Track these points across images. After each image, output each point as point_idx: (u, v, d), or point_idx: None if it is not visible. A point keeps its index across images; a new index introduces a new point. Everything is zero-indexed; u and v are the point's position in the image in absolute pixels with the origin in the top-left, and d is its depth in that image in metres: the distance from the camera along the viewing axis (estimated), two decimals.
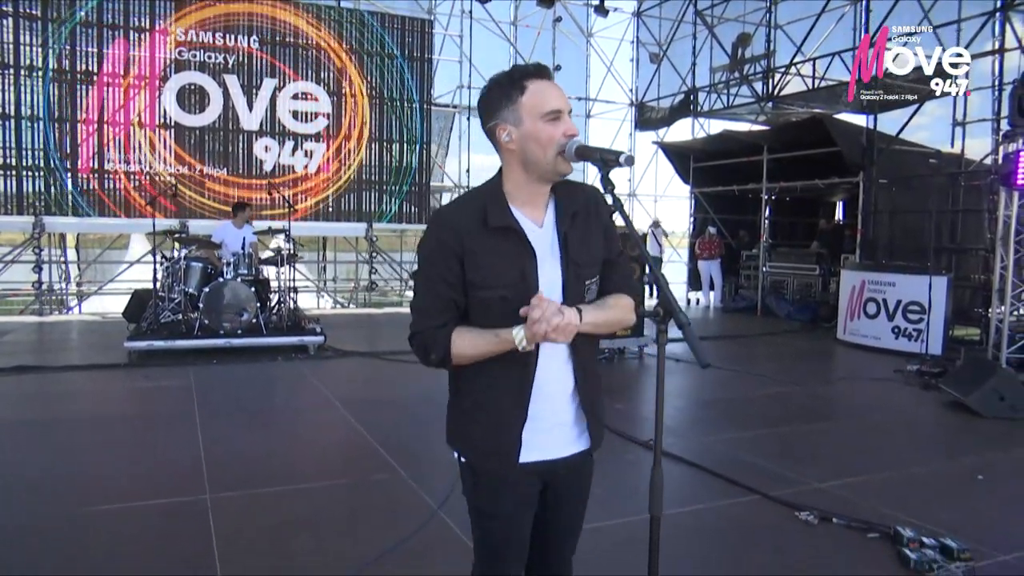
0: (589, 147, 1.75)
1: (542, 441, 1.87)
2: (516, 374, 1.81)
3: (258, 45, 13.36)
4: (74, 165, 12.32)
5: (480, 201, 1.84)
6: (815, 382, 7.89)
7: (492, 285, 1.77)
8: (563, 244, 1.84)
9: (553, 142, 1.77)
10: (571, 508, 2.03)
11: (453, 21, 15.76)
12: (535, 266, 1.79)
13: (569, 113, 1.83)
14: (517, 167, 1.83)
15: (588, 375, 1.92)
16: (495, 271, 1.77)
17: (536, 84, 1.80)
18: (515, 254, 1.78)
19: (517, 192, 1.85)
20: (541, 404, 1.85)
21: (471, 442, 1.91)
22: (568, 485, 1.98)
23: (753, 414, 6.49)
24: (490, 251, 1.78)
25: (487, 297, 1.78)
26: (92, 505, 3.99)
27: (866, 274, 10.01)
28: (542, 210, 1.88)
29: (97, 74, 12.36)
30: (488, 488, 1.90)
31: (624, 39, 17.68)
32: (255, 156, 13.50)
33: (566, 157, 1.78)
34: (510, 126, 1.81)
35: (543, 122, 1.77)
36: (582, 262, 1.85)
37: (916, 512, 4.02)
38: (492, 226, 1.78)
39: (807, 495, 4.31)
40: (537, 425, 1.85)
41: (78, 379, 7.29)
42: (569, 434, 1.91)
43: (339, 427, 5.77)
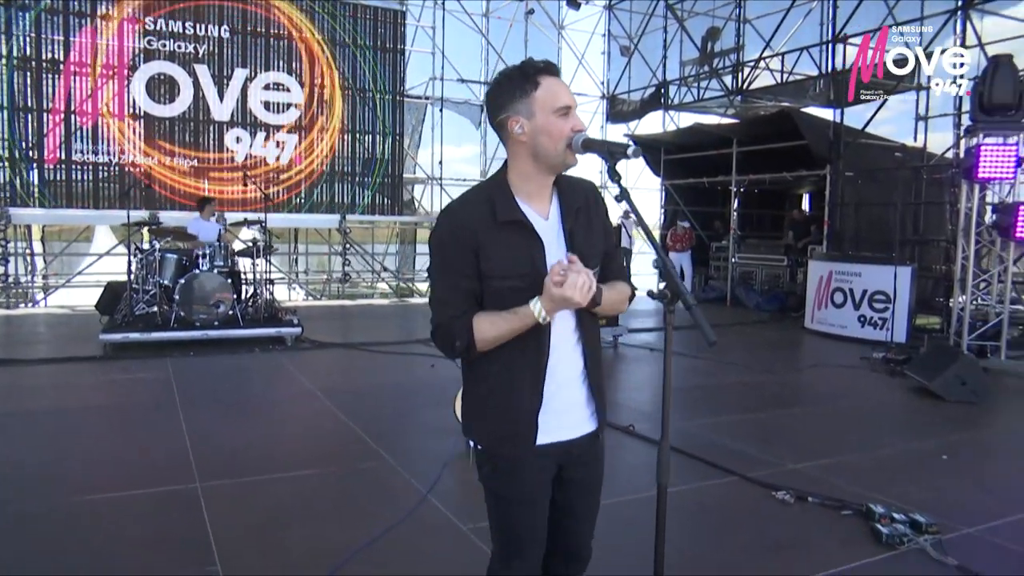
0: (595, 140, 1.85)
1: (556, 423, 1.94)
2: (531, 358, 1.89)
3: (229, 35, 13.23)
4: (40, 155, 12.11)
5: (487, 196, 1.92)
6: (785, 370, 8.12)
7: (505, 275, 1.85)
8: (569, 237, 1.93)
9: (563, 136, 1.86)
10: (587, 490, 2.09)
11: (426, 12, 15.74)
12: (544, 256, 1.88)
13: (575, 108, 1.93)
14: (526, 159, 1.91)
15: (595, 357, 2.01)
16: (507, 263, 1.86)
17: (549, 80, 1.89)
18: (525, 246, 1.88)
19: (523, 184, 1.93)
20: (554, 387, 1.93)
21: (488, 428, 1.98)
22: (582, 467, 2.04)
23: (727, 400, 6.68)
24: (501, 244, 1.86)
25: (500, 287, 1.86)
26: (83, 494, 4.01)
27: (833, 264, 10.28)
28: (547, 203, 1.97)
29: (64, 63, 12.15)
30: (505, 473, 1.97)
31: (596, 32, 17.80)
32: (226, 147, 13.38)
33: (573, 150, 1.87)
34: (523, 119, 1.89)
35: (555, 117, 1.86)
36: (587, 254, 1.92)
37: (886, 490, 4.20)
38: (501, 220, 1.87)
39: (783, 476, 4.48)
40: (551, 407, 1.93)
41: (54, 372, 7.23)
42: (581, 415, 1.99)
43: (323, 416, 5.82)
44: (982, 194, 8.28)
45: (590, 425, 2.01)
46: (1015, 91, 7.66)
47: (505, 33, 16.79)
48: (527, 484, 1.97)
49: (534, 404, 1.91)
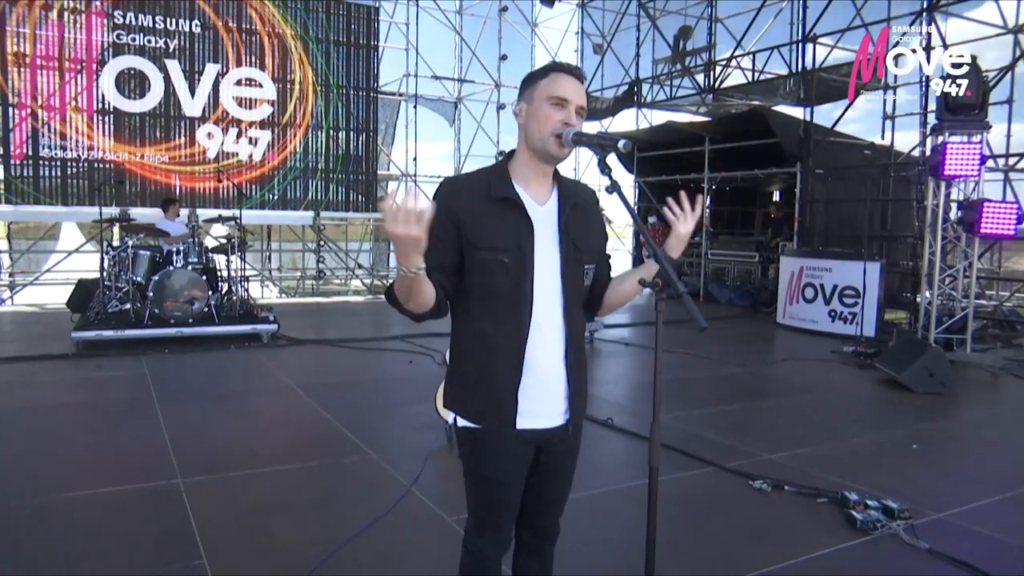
0: (587, 134, 1.90)
1: (536, 410, 2.00)
2: (511, 337, 1.94)
3: (200, 29, 13.08)
4: (6, 151, 11.89)
5: (486, 175, 2.02)
6: (758, 363, 8.25)
7: (492, 247, 1.91)
8: (564, 226, 1.99)
9: (549, 123, 1.92)
10: (561, 474, 2.18)
11: (399, 9, 15.71)
12: (532, 237, 1.94)
13: (580, 111, 1.96)
14: (523, 143, 2.00)
15: (577, 350, 2.07)
16: (494, 236, 1.92)
17: (558, 75, 1.96)
18: (513, 223, 1.93)
19: (522, 171, 2.00)
20: (535, 375, 1.98)
21: (470, 405, 2.03)
22: (559, 455, 2.12)
23: (702, 393, 6.79)
24: (490, 217, 1.93)
25: (487, 259, 1.92)
26: (60, 492, 3.97)
27: (804, 260, 10.46)
28: (546, 191, 2.03)
29: (30, 56, 11.93)
30: (485, 451, 2.03)
31: (569, 30, 17.93)
32: (198, 143, 13.23)
33: (563, 142, 1.92)
34: (524, 102, 2.00)
35: (547, 104, 1.93)
36: (582, 247, 2.02)
37: (859, 478, 4.32)
38: (494, 196, 1.94)
39: (759, 466, 4.58)
40: (532, 394, 1.98)
41: (26, 369, 7.11)
42: (559, 406, 2.05)
43: (303, 412, 5.80)
44: (948, 191, 8.49)
45: (569, 415, 2.07)
46: (979, 91, 7.86)
47: (479, 30, 16.84)
48: (505, 465, 2.03)
49: (514, 380, 1.96)
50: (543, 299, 1.97)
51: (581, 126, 1.98)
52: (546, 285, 1.97)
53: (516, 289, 1.94)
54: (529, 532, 2.22)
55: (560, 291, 1.99)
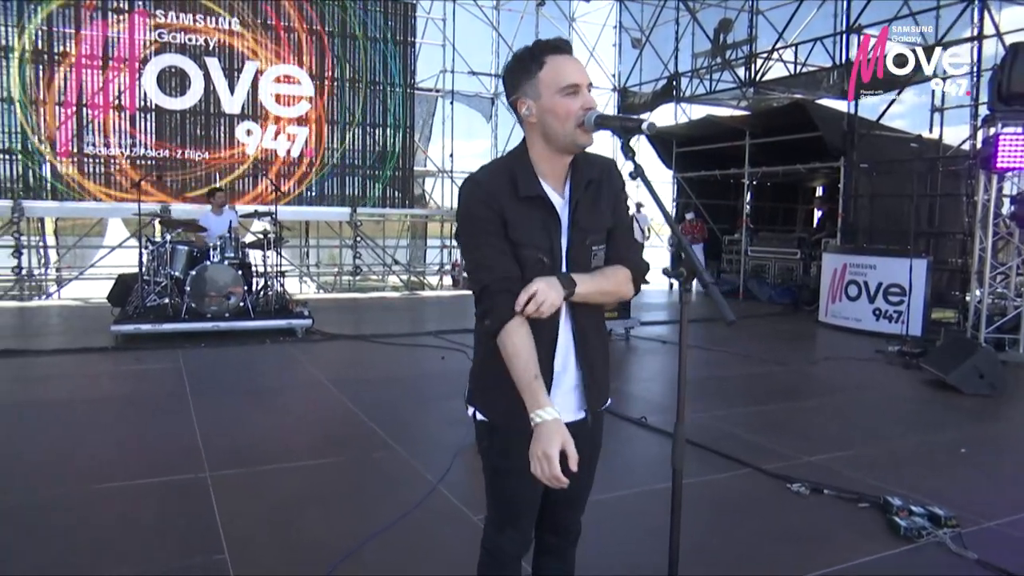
0: (609, 116, 1.80)
1: (559, 404, 1.91)
2: (544, 335, 1.86)
3: (239, 27, 13.22)
4: (53, 148, 12.16)
5: (509, 170, 1.89)
6: (799, 362, 8.02)
7: (531, 246, 1.83)
8: (572, 211, 1.90)
9: (571, 115, 1.82)
10: (582, 470, 2.08)
11: (436, 5, 15.69)
12: (560, 234, 1.86)
13: (589, 87, 1.87)
14: (539, 140, 1.89)
15: (588, 342, 1.96)
16: (531, 235, 1.84)
17: (555, 59, 1.84)
18: (543, 222, 1.85)
19: (540, 163, 1.91)
20: (560, 365, 1.92)
21: (497, 402, 1.95)
22: (580, 448, 2.02)
23: (741, 392, 6.61)
24: (523, 217, 1.84)
25: (527, 255, 1.83)
26: (93, 483, 4.00)
27: (847, 257, 10.17)
28: (562, 182, 1.94)
29: (75, 56, 12.18)
30: (508, 446, 1.96)
31: (607, 24, 17.72)
32: (237, 140, 13.40)
33: (586, 128, 1.82)
34: (529, 100, 1.86)
35: (561, 96, 1.82)
36: (589, 228, 1.91)
37: (903, 483, 4.14)
38: (523, 195, 1.84)
39: (798, 468, 4.42)
40: (555, 388, 1.91)
41: (66, 362, 7.24)
42: (576, 399, 1.97)
43: (333, 407, 5.79)
44: (1000, 185, 8.16)
45: (585, 409, 1.99)
46: None
47: (516, 25, 16.74)
48: (526, 459, 1.94)
49: (547, 377, 1.88)
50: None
51: (595, 102, 1.88)
52: None
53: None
54: (550, 533, 2.15)
55: None
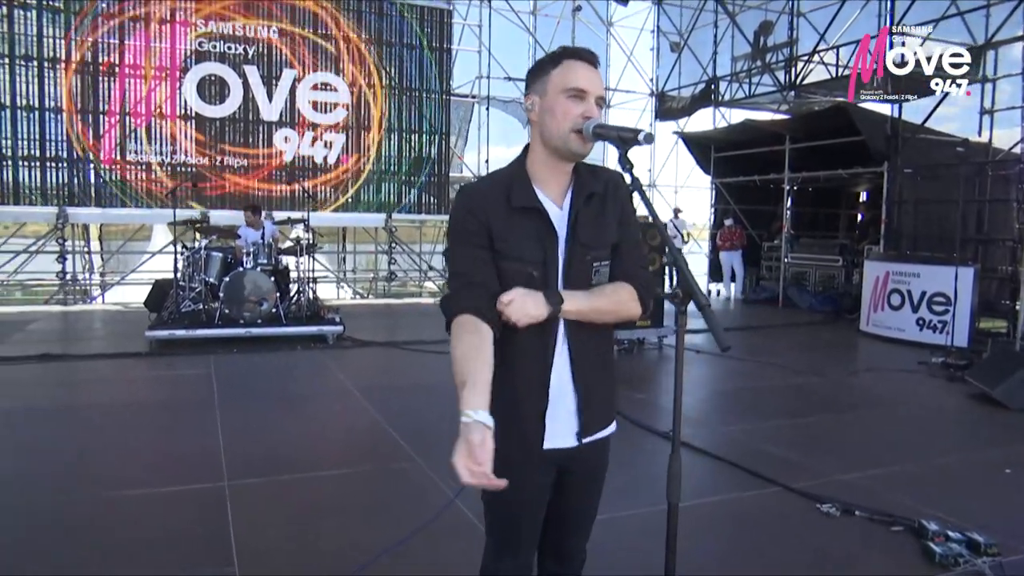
0: (608, 126, 1.72)
1: (558, 429, 1.85)
2: (536, 359, 1.79)
3: (277, 36, 13.38)
4: (97, 156, 12.43)
5: (505, 180, 1.83)
6: (837, 373, 7.77)
7: (519, 259, 1.76)
8: (572, 224, 1.81)
9: (568, 118, 1.74)
10: (586, 495, 2.01)
11: (472, 11, 15.69)
12: (556, 248, 1.78)
13: (601, 101, 1.80)
14: (538, 141, 1.83)
15: (587, 363, 1.86)
16: (522, 248, 1.76)
17: (571, 63, 1.78)
18: (537, 234, 1.77)
19: (539, 171, 1.83)
20: (556, 389, 1.83)
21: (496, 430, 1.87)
22: (583, 472, 1.96)
23: (774, 404, 6.43)
24: (515, 228, 1.77)
25: (514, 269, 1.76)
26: (113, 490, 4.03)
27: (890, 265, 9.86)
28: (563, 191, 1.85)
29: (119, 65, 12.45)
30: (503, 469, 1.87)
31: (644, 28, 17.53)
32: (275, 147, 13.54)
33: (584, 137, 1.74)
34: (535, 96, 1.81)
35: (564, 97, 1.75)
36: (590, 243, 1.82)
37: (941, 505, 3.94)
38: (515, 206, 1.77)
39: (829, 487, 4.24)
40: (553, 413, 1.83)
41: (101, 367, 7.36)
42: (576, 423, 1.87)
43: (358, 415, 5.77)
44: None
45: (590, 433, 1.90)
46: None
47: (553, 30, 16.66)
48: (526, 488, 1.87)
49: (541, 405, 1.81)
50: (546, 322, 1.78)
51: (599, 115, 1.79)
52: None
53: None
54: (552, 560, 2.06)
55: None
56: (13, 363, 7.23)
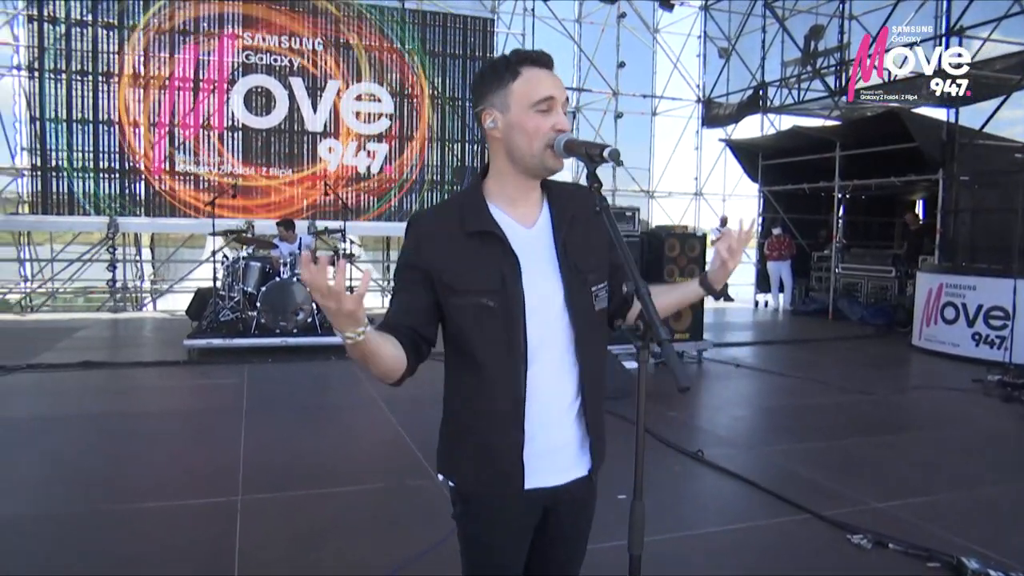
0: (577, 141, 1.59)
1: (544, 465, 1.69)
2: (506, 385, 1.64)
3: (322, 47, 13.55)
4: (147, 167, 12.75)
5: (458, 203, 1.73)
6: (885, 390, 7.41)
7: (470, 291, 1.62)
8: (561, 251, 1.68)
9: (540, 134, 1.61)
10: (572, 538, 1.84)
11: (515, 20, 15.66)
12: (518, 273, 1.63)
13: (565, 104, 1.67)
14: (502, 159, 1.69)
15: (594, 386, 1.73)
16: (474, 277, 1.63)
17: (532, 71, 1.64)
18: (494, 260, 1.63)
19: (501, 189, 1.70)
20: (541, 422, 1.67)
21: (468, 469, 1.74)
22: (570, 514, 1.79)
23: (813, 424, 6.14)
24: (468, 257, 1.64)
25: (467, 304, 1.63)
26: (128, 502, 4.05)
27: (944, 277, 9.42)
28: (534, 210, 1.73)
29: (169, 78, 12.75)
30: (483, 516, 1.74)
31: (691, 34, 17.25)
32: (319, 157, 13.70)
33: (555, 152, 1.62)
34: (496, 112, 1.66)
35: (532, 111, 1.62)
36: (586, 268, 1.69)
37: (985, 540, 3.67)
38: (468, 231, 1.65)
39: (863, 516, 4.00)
40: (537, 446, 1.67)
41: (138, 375, 7.49)
42: (572, 456, 1.72)
43: (381, 429, 5.71)
44: None
45: (582, 468, 1.74)
46: None
47: (597, 38, 16.52)
48: (505, 532, 1.73)
49: (516, 439, 1.65)
50: (544, 341, 1.65)
51: (569, 124, 1.66)
52: (547, 323, 1.66)
53: (507, 337, 1.63)
54: None
55: (568, 326, 1.67)
56: (55, 370, 7.41)
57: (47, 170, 12.31)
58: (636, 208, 8.52)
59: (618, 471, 1.97)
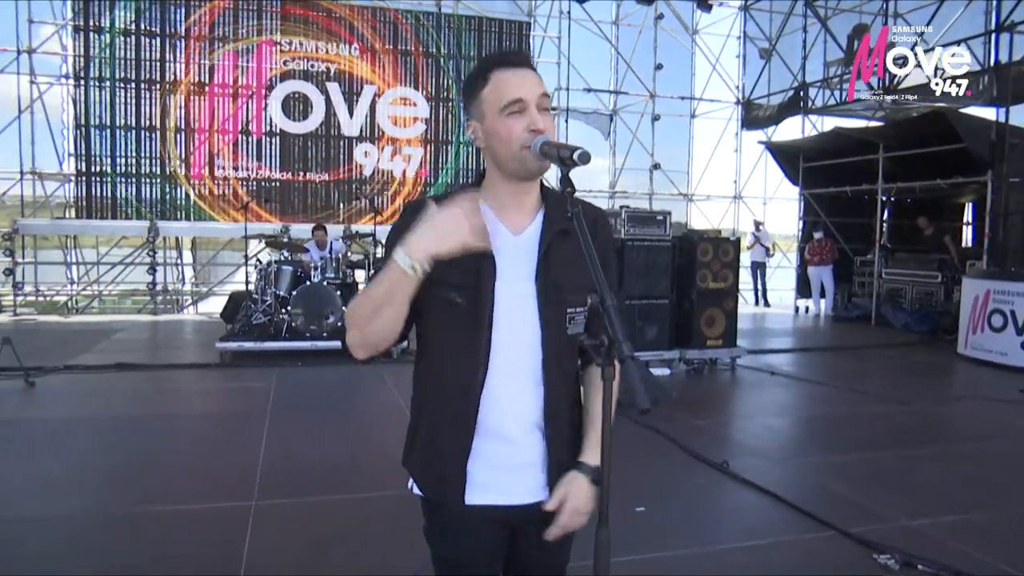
0: (551, 143, 1.51)
1: (499, 483, 1.62)
2: (461, 395, 1.59)
3: (358, 53, 13.65)
4: (187, 172, 12.99)
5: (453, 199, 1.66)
6: (925, 401, 7.13)
7: (444, 283, 1.55)
8: (543, 257, 1.60)
9: (514, 136, 1.55)
10: (545, 563, 1.75)
11: (551, 22, 15.59)
12: (492, 276, 1.57)
13: (543, 101, 1.59)
14: (491, 166, 1.64)
15: (561, 405, 1.65)
16: (449, 270, 1.54)
17: (499, 74, 1.58)
18: (472, 258, 1.54)
19: (493, 194, 1.65)
20: (497, 440, 1.60)
21: (418, 471, 1.71)
22: (540, 532, 1.66)
23: (847, 435, 5.93)
24: None
25: (438, 296, 1.57)
26: (146, 505, 4.07)
27: (991, 283, 9.05)
28: (526, 218, 1.66)
29: (208, 85, 12.98)
30: (442, 528, 1.69)
31: (730, 35, 16.96)
32: (355, 161, 13.81)
33: (534, 154, 1.54)
34: (476, 122, 1.62)
35: (503, 116, 1.56)
36: (567, 286, 1.59)
37: (1019, 564, 3.48)
38: None
39: (892, 533, 3.82)
40: (491, 463, 1.61)
41: (170, 377, 7.59)
42: (536, 478, 1.64)
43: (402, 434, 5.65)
44: None
45: (547, 493, 1.64)
46: None
47: (634, 40, 16.34)
48: (469, 549, 1.68)
49: (464, 445, 1.59)
50: (512, 350, 1.59)
51: (550, 125, 1.58)
52: (517, 333, 1.59)
53: (469, 337, 1.58)
54: None
55: (539, 341, 1.59)
56: (89, 371, 7.55)
57: (91, 175, 12.61)
58: (667, 212, 8.34)
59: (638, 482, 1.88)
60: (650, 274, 7.96)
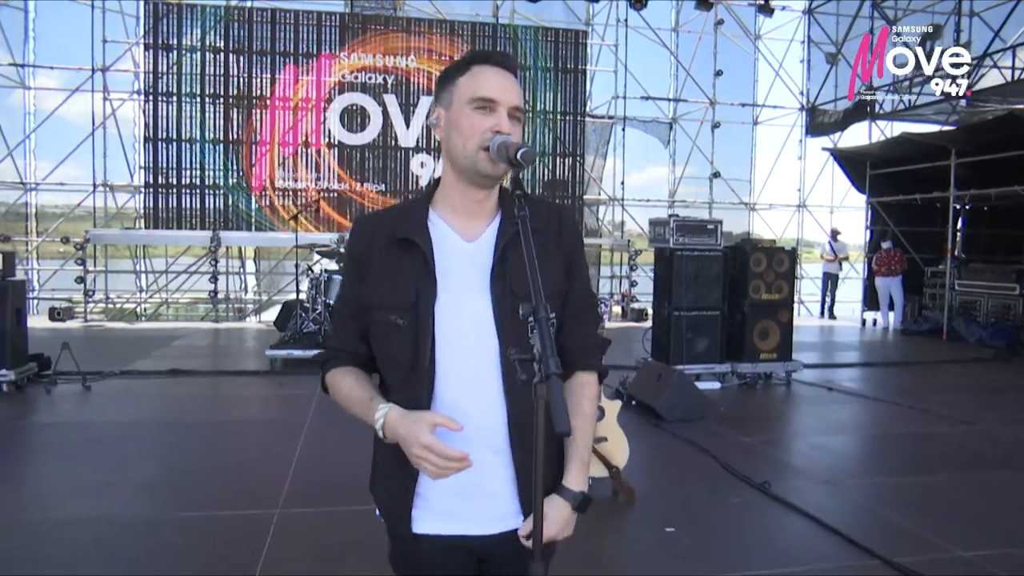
0: (506, 143, 1.42)
1: (461, 511, 1.52)
2: None
3: (415, 64, 13.79)
4: (249, 183, 13.33)
5: (406, 206, 1.61)
6: (991, 421, 6.68)
7: (385, 306, 1.49)
8: (497, 262, 1.50)
9: (475, 133, 1.46)
10: None
11: (609, 30, 15.46)
12: (432, 292, 1.47)
13: (517, 113, 1.51)
14: (446, 161, 1.57)
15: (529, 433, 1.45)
16: (390, 290, 1.49)
17: (480, 68, 1.51)
18: (413, 273, 1.48)
19: (447, 196, 1.57)
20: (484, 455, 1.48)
21: (388, 502, 1.62)
22: (509, 563, 1.54)
23: (902, 456, 5.62)
24: (391, 266, 1.51)
25: (380, 320, 1.51)
26: (173, 511, 4.14)
27: None
28: (480, 223, 1.56)
29: (270, 98, 13.31)
30: (401, 556, 1.61)
31: (794, 39, 16.51)
32: (411, 172, 13.93)
33: (491, 156, 1.45)
34: (441, 108, 1.55)
35: (470, 108, 1.48)
36: (519, 294, 1.45)
37: None
38: (397, 236, 1.52)
39: (943, 565, 3.56)
40: (453, 489, 1.47)
41: (220, 383, 7.75)
42: (500, 507, 1.52)
43: None
44: None
45: (516, 521, 1.51)
46: None
47: (694, 46, 16.07)
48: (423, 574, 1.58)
49: (409, 471, 1.47)
50: (465, 368, 1.48)
51: (519, 135, 1.50)
52: (472, 348, 1.48)
53: (412, 357, 1.48)
54: None
55: (497, 356, 1.48)
56: (143, 377, 7.76)
57: (158, 187, 13.07)
58: (719, 221, 8.11)
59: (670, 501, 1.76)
60: (700, 285, 7.76)
